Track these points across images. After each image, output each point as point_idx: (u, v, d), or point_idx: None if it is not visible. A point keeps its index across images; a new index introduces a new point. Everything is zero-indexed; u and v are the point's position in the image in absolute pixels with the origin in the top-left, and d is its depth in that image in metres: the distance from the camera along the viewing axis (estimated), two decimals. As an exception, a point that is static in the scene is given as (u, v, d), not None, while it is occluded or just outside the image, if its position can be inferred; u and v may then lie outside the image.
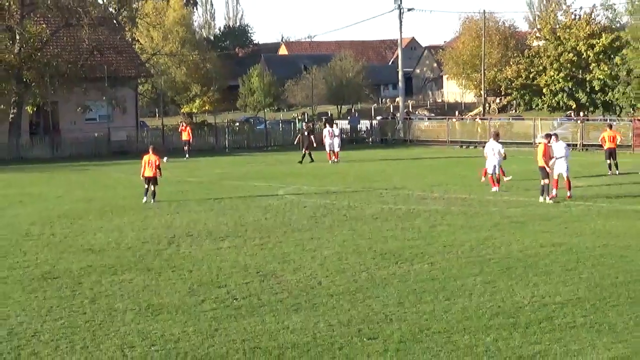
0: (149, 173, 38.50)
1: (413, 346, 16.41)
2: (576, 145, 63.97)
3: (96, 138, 74.04)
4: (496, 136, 42.67)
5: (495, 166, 40.11)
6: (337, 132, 63.49)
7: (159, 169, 38.73)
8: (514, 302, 19.60)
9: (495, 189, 39.52)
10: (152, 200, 38.30)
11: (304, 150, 59.56)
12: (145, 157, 38.92)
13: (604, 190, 37.13)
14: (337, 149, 61.22)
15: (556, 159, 36.48)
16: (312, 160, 58.40)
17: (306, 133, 60.88)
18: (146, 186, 38.70)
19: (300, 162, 58.01)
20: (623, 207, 34.16)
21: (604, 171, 45.30)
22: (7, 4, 72.50)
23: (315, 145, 60.55)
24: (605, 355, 15.60)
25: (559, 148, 36.98)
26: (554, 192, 36.06)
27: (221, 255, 26.06)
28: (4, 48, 71.81)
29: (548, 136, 38.18)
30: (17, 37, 72.15)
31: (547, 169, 35.50)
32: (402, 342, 16.65)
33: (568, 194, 35.98)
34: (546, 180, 35.32)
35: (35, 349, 16.79)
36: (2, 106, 72.39)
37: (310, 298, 20.40)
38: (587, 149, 64.45)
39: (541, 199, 35.27)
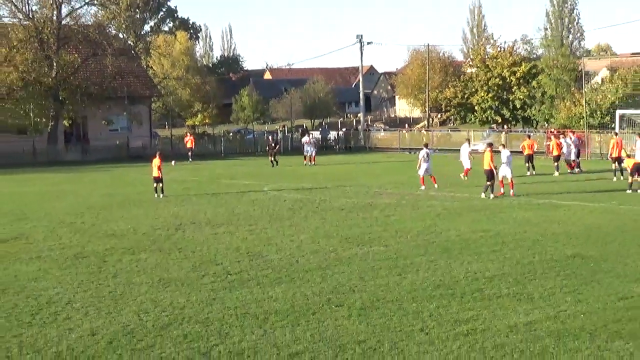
0: (155, 173, 38.65)
1: (371, 312, 16.45)
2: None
3: (118, 145, 73.86)
4: (426, 145, 42.80)
5: (427, 168, 40.17)
6: (312, 140, 63.71)
7: (160, 170, 38.68)
8: (452, 276, 19.65)
9: (423, 187, 39.64)
10: (162, 194, 38.32)
11: (270, 157, 59.54)
12: (154, 161, 39.05)
13: (524, 188, 37.20)
14: (313, 154, 61.21)
15: (502, 163, 36.59)
16: (276, 165, 58.25)
17: (273, 144, 60.94)
18: (155, 184, 38.79)
19: (272, 166, 57.76)
20: (538, 201, 34.23)
21: (523, 172, 45.36)
22: (46, 37, 72.28)
23: (276, 151, 60.88)
24: (524, 319, 15.67)
25: (504, 155, 37.12)
26: (501, 190, 36.08)
27: (218, 239, 26.06)
28: (44, 73, 71.52)
29: (490, 145, 38.41)
30: (54, 64, 71.85)
31: (494, 171, 35.62)
32: (363, 309, 16.69)
33: (511, 192, 35.99)
34: (491, 182, 35.36)
35: (69, 314, 16.79)
36: (42, 119, 71.99)
37: (289, 273, 20.43)
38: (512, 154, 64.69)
39: (483, 195, 35.25)
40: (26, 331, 15.61)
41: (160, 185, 38.83)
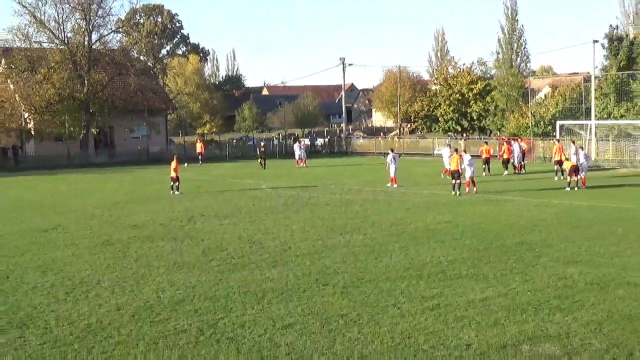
0: (172, 174, 38.69)
1: (352, 290, 16.47)
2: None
3: (139, 150, 73.75)
4: (392, 150, 42.90)
5: (395, 169, 40.30)
6: (303, 146, 63.82)
7: (176, 171, 38.75)
8: (420, 260, 19.66)
9: (391, 184, 39.73)
10: (177, 192, 38.31)
11: (260, 160, 58.88)
12: (172, 164, 39.01)
13: (482, 186, 37.24)
14: (304, 157, 61.24)
15: (466, 165, 36.69)
16: (265, 168, 57.06)
17: (263, 149, 60.50)
18: (171, 183, 38.71)
19: (263, 168, 56.91)
20: (493, 197, 34.28)
21: (480, 173, 45.41)
22: (78, 60, 72.26)
23: (265, 156, 59.70)
24: (480, 296, 15.71)
25: (467, 158, 37.27)
26: (467, 189, 36.11)
27: (223, 229, 26.03)
28: (77, 89, 71.47)
29: (456, 150, 38.64)
30: (86, 82, 71.75)
31: (460, 171, 35.73)
32: (345, 287, 16.71)
33: (474, 189, 36.03)
34: (458, 181, 35.38)
35: (98, 292, 16.79)
36: (76, 128, 72.02)
37: (283, 258, 20.43)
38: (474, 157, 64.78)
39: (453, 192, 35.28)
40: (62, 306, 15.61)
41: (177, 184, 38.77)
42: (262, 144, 65.74)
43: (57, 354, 12.52)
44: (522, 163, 49.72)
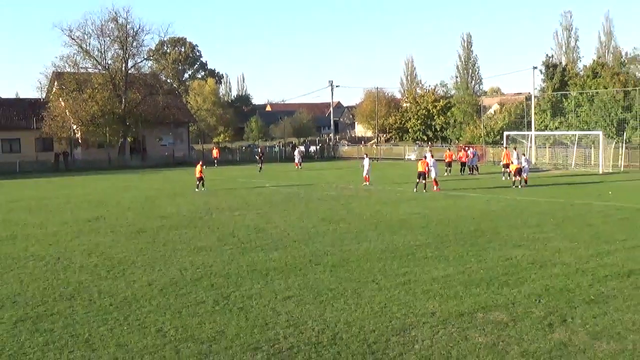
0: (198, 175, 38.99)
1: (339, 269, 16.43)
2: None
3: (166, 155, 73.69)
4: (366, 155, 42.91)
5: (368, 170, 40.28)
6: (301, 152, 64.00)
7: (202, 172, 39.00)
8: (394, 244, 19.63)
9: (366, 183, 39.70)
10: (203, 188, 38.53)
11: (258, 164, 57.99)
12: (197, 167, 39.52)
13: (444, 184, 37.26)
14: (299, 161, 61.20)
15: (431, 167, 36.72)
16: (261, 171, 55.41)
17: (261, 154, 59.88)
18: (197, 182, 38.95)
19: (259, 171, 55.40)
20: (454, 193, 34.30)
21: (443, 173, 45.45)
22: (117, 82, 72.40)
23: (262, 160, 58.73)
24: (442, 273, 15.68)
25: (431, 162, 37.34)
26: (434, 188, 35.98)
27: (235, 219, 25.97)
28: (116, 106, 71.37)
29: (425, 156, 38.71)
30: (123, 100, 71.73)
31: (426, 172, 35.73)
32: (333, 266, 16.67)
33: (436, 188, 35.98)
34: (423, 181, 35.31)
35: (132, 271, 16.71)
36: (115, 137, 72.07)
37: (283, 243, 20.37)
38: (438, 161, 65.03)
39: (415, 190, 35.22)
40: (103, 282, 15.54)
41: (202, 182, 39.00)
42: (260, 150, 64.57)
43: (99, 320, 12.47)
44: (476, 165, 49.88)
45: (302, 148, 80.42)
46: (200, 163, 40.30)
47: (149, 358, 10.46)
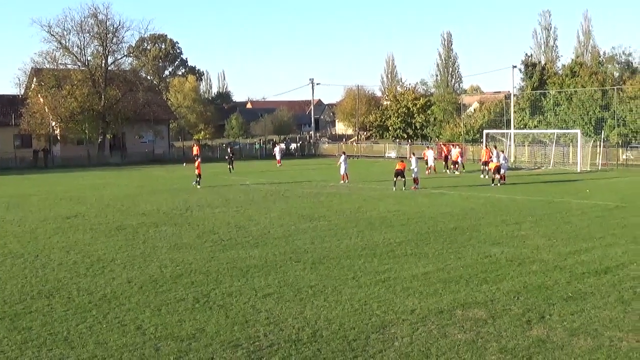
0: (196, 171, 39.39)
1: (319, 266, 16.44)
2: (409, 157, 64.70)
3: (146, 152, 73.34)
4: (344, 153, 42.90)
5: (345, 168, 40.31)
6: (282, 149, 63.75)
7: (199, 169, 39.57)
8: (373, 242, 19.67)
9: (343, 181, 39.69)
10: (198, 186, 38.63)
11: (228, 165, 53.54)
12: (196, 163, 40.08)
13: (423, 182, 37.37)
14: (280, 158, 61.14)
15: (413, 167, 36.83)
16: (231, 172, 51.12)
17: (231, 154, 56.26)
18: (197, 178, 39.23)
19: (230, 172, 50.99)
20: (432, 191, 34.43)
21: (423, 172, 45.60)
22: (97, 79, 71.94)
23: (232, 160, 54.33)
24: (422, 270, 15.74)
25: (413, 160, 37.41)
26: (413, 186, 36.02)
27: (215, 216, 25.89)
28: (95, 103, 70.93)
29: (404, 158, 38.60)
30: (103, 97, 71.30)
31: (408, 170, 35.83)
32: (314, 264, 16.67)
33: (416, 186, 36.03)
34: (400, 178, 35.36)
35: (112, 268, 16.62)
36: (94, 135, 71.56)
37: (263, 240, 20.34)
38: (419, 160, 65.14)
39: (394, 188, 35.27)
40: (82, 280, 15.44)
41: (199, 179, 39.18)
42: (230, 149, 60.59)
43: (78, 318, 12.39)
44: (461, 162, 49.80)
45: (282, 145, 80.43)
46: (199, 159, 40.86)
47: (128, 356, 10.41)
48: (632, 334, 10.93)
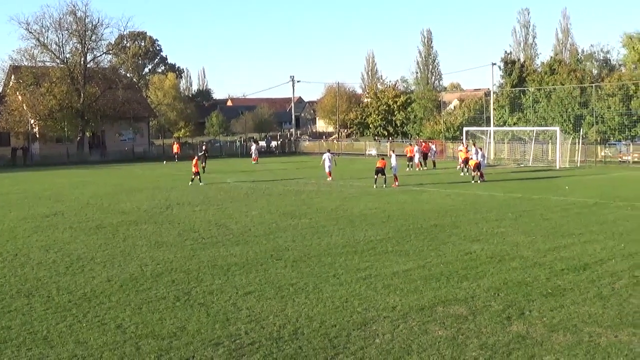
0: (193, 169, 39.63)
1: (300, 263, 16.44)
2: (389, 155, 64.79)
3: (126, 150, 73.04)
4: (328, 150, 42.93)
5: (329, 166, 40.37)
6: (258, 147, 63.55)
7: (197, 167, 39.82)
8: (354, 239, 19.69)
9: (329, 179, 39.77)
10: (200, 182, 38.86)
11: (201, 164, 48.11)
12: (193, 160, 40.55)
13: (403, 180, 37.47)
14: (256, 155, 61.03)
15: (393, 165, 36.98)
16: (204, 172, 46.77)
17: (205, 151, 54.21)
18: (193, 176, 39.41)
19: (203, 172, 46.20)
20: (412, 188, 34.52)
21: (404, 169, 45.68)
22: (76, 76, 71.49)
23: (206, 158, 51.57)
24: (403, 267, 15.78)
25: (393, 158, 37.56)
26: (394, 183, 36.08)
27: (195, 214, 25.81)
28: (74, 100, 70.57)
29: (384, 155, 38.57)
30: (82, 94, 70.85)
31: (387, 169, 35.93)
32: (295, 262, 16.66)
33: (396, 183, 36.10)
34: (381, 176, 35.43)
35: (92, 267, 16.53)
36: (73, 132, 71.18)
37: (244, 238, 20.30)
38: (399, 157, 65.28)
39: (375, 185, 35.31)
40: (62, 279, 15.34)
41: (198, 177, 39.33)
42: (204, 147, 58.19)
43: (58, 317, 12.31)
44: (420, 162, 49.81)
45: (262, 143, 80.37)
46: (196, 158, 40.92)
47: (109, 355, 10.36)
48: (610, 330, 11.04)
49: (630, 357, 9.86)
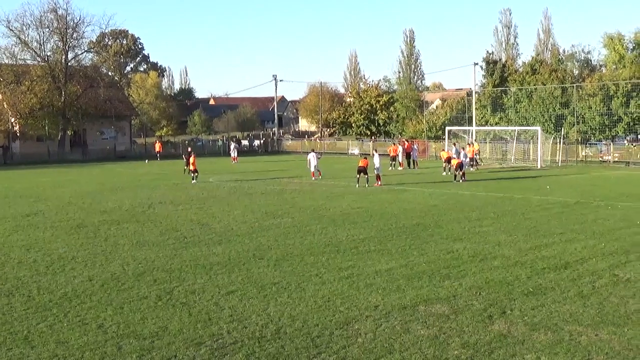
0: (191, 167, 40.25)
1: (283, 262, 16.43)
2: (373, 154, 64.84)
3: (107, 149, 72.66)
4: (313, 150, 42.97)
5: (315, 165, 40.37)
6: (239, 147, 63.36)
7: (195, 164, 40.22)
8: (337, 238, 19.71)
9: (313, 178, 39.75)
10: (195, 181, 39.16)
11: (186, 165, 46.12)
12: (191, 159, 40.88)
13: (386, 179, 37.52)
14: (235, 155, 60.91)
15: (376, 164, 37.18)
16: (185, 172, 45.13)
17: (190, 151, 53.85)
18: (193, 174, 39.93)
19: (184, 172, 45.54)
20: (395, 187, 34.58)
21: (387, 168, 45.73)
22: (57, 74, 71.08)
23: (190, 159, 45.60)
24: (385, 266, 15.81)
25: (376, 158, 37.73)
26: (377, 183, 36.14)
27: (178, 213, 25.72)
28: (55, 99, 70.31)
29: (365, 158, 38.44)
30: (63, 93, 70.53)
31: (370, 168, 36.05)
32: (277, 261, 16.65)
33: (379, 182, 36.14)
34: (363, 175, 35.49)
35: (73, 266, 16.43)
36: (54, 131, 70.92)
37: (227, 237, 20.26)
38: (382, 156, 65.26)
39: (357, 185, 35.33)
40: (43, 278, 15.24)
41: (196, 174, 39.72)
42: (189, 149, 51.32)
43: (38, 317, 12.23)
44: (402, 161, 49.85)
45: (245, 142, 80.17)
46: (192, 155, 41.17)
47: (90, 355, 10.30)
48: (591, 328, 11.12)
49: (611, 356, 9.94)
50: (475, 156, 48.18)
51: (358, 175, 35.54)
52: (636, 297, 13.01)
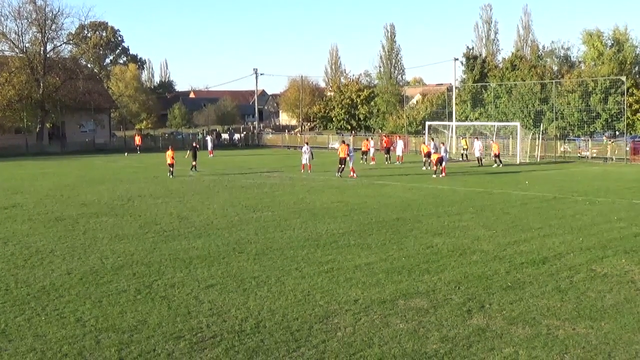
0: (169, 161, 39.36)
1: (262, 256, 16.41)
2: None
3: (87, 142, 72.15)
4: (307, 143, 43.04)
5: (307, 158, 40.52)
6: (215, 141, 63.32)
7: (173, 158, 39.48)
8: (317, 232, 19.72)
9: (306, 171, 39.85)
10: (172, 176, 38.55)
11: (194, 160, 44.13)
12: (168, 152, 40.06)
13: (364, 172, 37.57)
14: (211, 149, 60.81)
15: (350, 154, 37.55)
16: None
17: (196, 146, 52.78)
18: (170, 169, 39.23)
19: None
20: (374, 182, 34.65)
21: (357, 161, 45.84)
22: (35, 66, 70.41)
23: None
24: (365, 261, 15.84)
25: (351, 150, 38.12)
26: (351, 174, 36.43)
27: (157, 207, 25.62)
28: (34, 91, 69.65)
29: (343, 142, 39.16)
30: (41, 85, 69.91)
31: (348, 159, 36.41)
32: (257, 255, 16.64)
33: (355, 175, 36.36)
34: (343, 166, 35.85)
35: (51, 260, 16.31)
36: (33, 123, 70.43)
37: (206, 230, 20.21)
38: (355, 150, 65.34)
39: (337, 174, 35.54)
40: (20, 271, 15.12)
41: (172, 169, 39.15)
42: (194, 144, 49.64)
43: (16, 311, 12.13)
44: (377, 155, 50.04)
45: (226, 135, 79.94)
46: (171, 149, 40.35)
47: (68, 348, 10.24)
48: (568, 322, 11.21)
49: (587, 350, 10.03)
50: (480, 153, 47.71)
51: (342, 165, 36.23)
52: (613, 291, 13.14)
